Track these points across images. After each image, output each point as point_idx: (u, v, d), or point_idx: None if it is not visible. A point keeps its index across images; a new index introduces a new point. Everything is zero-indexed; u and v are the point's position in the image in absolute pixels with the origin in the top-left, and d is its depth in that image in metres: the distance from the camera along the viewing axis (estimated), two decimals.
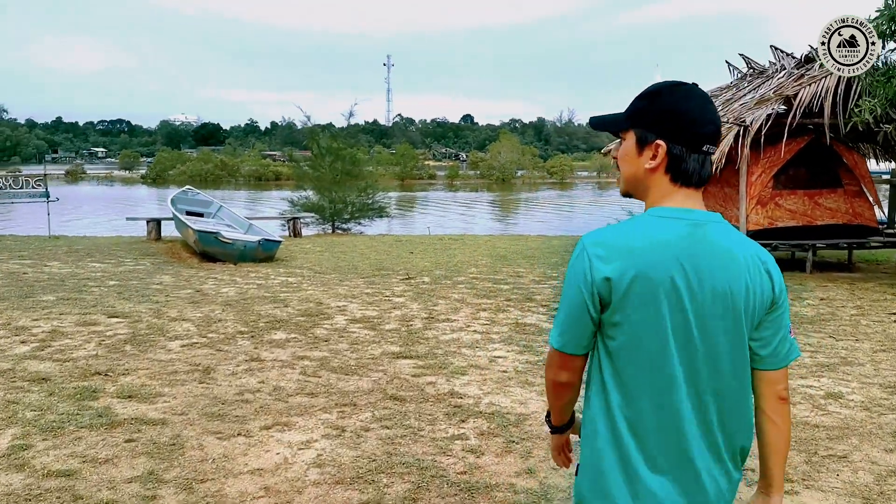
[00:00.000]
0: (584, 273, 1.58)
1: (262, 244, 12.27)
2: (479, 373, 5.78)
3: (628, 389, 1.59)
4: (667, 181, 1.63)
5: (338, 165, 19.71)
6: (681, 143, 1.61)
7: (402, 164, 68.04)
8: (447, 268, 11.94)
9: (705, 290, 1.56)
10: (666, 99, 1.65)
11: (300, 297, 8.99)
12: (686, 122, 1.61)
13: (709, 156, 1.64)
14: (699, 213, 1.61)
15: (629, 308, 1.56)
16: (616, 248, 1.57)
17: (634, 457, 1.59)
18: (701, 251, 1.56)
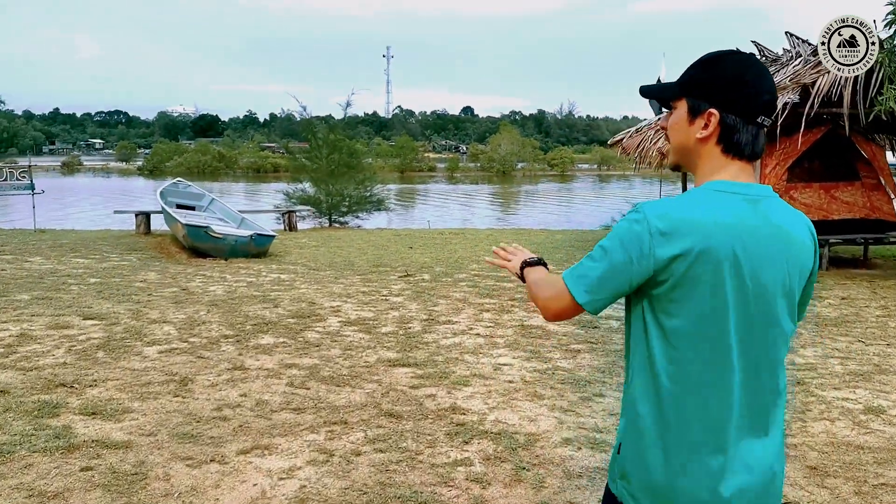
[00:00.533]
0: (642, 245, 1.50)
1: (254, 239, 11.76)
2: (483, 383, 5.27)
3: (681, 370, 1.53)
4: (718, 152, 1.58)
5: (335, 157, 19.13)
6: (735, 112, 1.55)
7: (402, 157, 67.62)
8: (448, 264, 11.43)
9: (766, 266, 1.53)
10: (722, 67, 1.58)
11: (292, 296, 8.48)
12: (741, 90, 1.55)
13: (762, 128, 1.58)
14: (755, 188, 1.56)
15: (690, 285, 1.50)
16: (680, 223, 1.49)
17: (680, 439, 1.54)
18: (760, 228, 1.53)
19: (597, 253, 1.58)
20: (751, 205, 1.54)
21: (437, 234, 16.46)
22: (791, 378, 5.45)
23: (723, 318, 1.51)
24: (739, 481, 1.54)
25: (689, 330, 1.52)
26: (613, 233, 1.57)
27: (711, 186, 1.56)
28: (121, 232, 15.81)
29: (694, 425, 1.53)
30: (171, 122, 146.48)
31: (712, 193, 1.54)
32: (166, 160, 71.35)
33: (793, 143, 10.66)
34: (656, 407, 1.56)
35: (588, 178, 69.60)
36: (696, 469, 1.53)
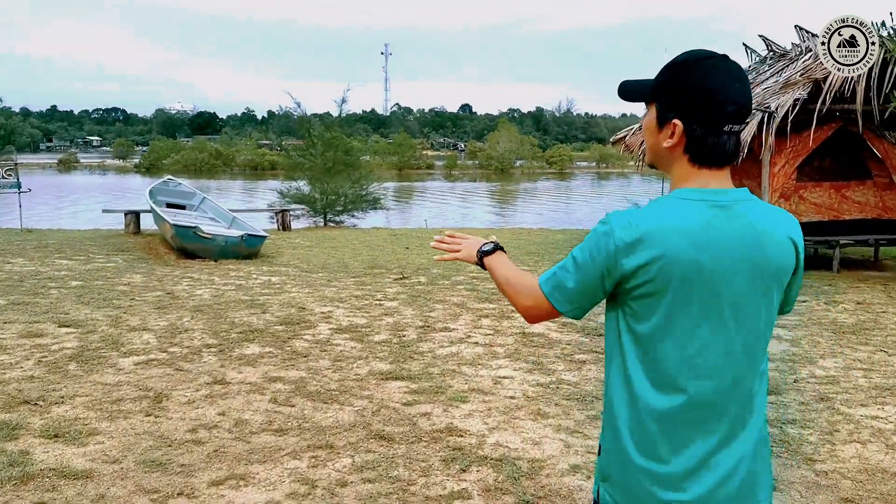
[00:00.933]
0: (608, 254, 1.52)
1: (244, 240, 11.36)
2: (482, 399, 4.89)
3: (654, 374, 1.54)
4: (685, 161, 1.56)
5: (330, 155, 18.71)
6: (699, 122, 1.53)
7: (400, 154, 67.10)
8: (445, 265, 11.03)
9: (736, 270, 1.52)
10: (687, 74, 1.54)
11: (282, 300, 8.09)
12: (706, 100, 1.51)
13: (732, 135, 1.54)
14: (724, 194, 1.55)
15: (657, 293, 1.51)
16: (644, 233, 1.50)
17: (658, 441, 1.54)
18: (728, 232, 1.52)
19: (569, 263, 1.60)
20: (718, 210, 1.53)
21: (434, 233, 15.98)
22: (815, 393, 5.07)
23: (693, 322, 1.52)
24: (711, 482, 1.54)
25: (660, 335, 1.53)
26: (585, 242, 1.58)
27: (677, 195, 1.56)
28: (110, 231, 15.40)
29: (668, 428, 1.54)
30: (169, 119, 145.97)
31: (677, 202, 1.54)
32: (163, 157, 70.96)
33: (803, 140, 10.28)
34: (632, 410, 1.56)
35: (587, 175, 69.14)
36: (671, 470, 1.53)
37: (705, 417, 1.54)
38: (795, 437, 4.27)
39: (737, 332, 1.54)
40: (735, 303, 1.53)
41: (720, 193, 1.54)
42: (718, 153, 1.55)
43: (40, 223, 18.95)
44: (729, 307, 1.53)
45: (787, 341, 6.49)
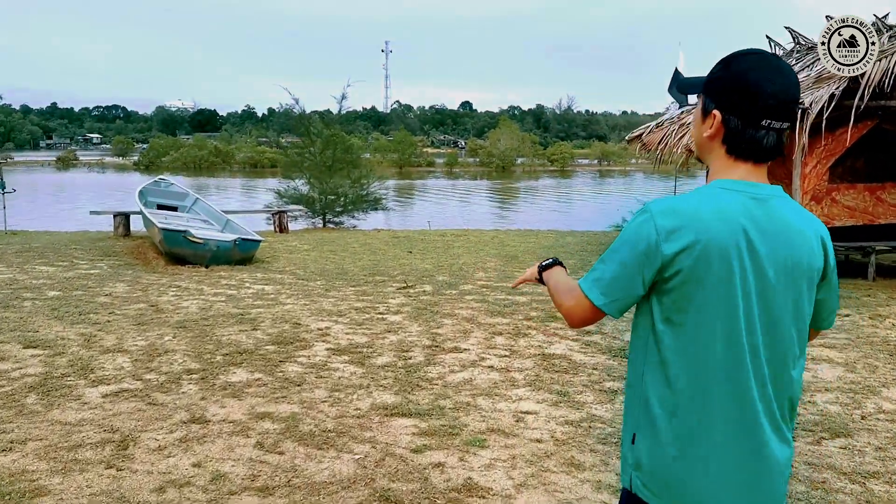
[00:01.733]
0: (649, 242, 1.55)
1: (238, 244, 10.65)
2: (503, 443, 4.18)
3: (692, 366, 1.56)
4: (723, 153, 1.61)
5: (329, 153, 17.96)
6: (737, 115, 1.57)
7: (401, 152, 66.55)
8: (451, 272, 10.34)
9: (770, 262, 1.54)
10: (731, 68, 1.60)
11: (275, 314, 7.38)
12: (745, 93, 1.56)
13: (772, 131, 1.56)
14: (761, 187, 1.58)
15: (696, 280, 1.53)
16: (684, 219, 1.53)
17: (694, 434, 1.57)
18: (764, 225, 1.55)
19: (608, 255, 1.63)
20: (755, 202, 1.56)
21: (437, 235, 15.37)
22: (890, 435, 4.36)
23: (731, 311, 1.54)
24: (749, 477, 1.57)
25: (699, 325, 1.55)
26: (622, 233, 1.61)
27: (716, 184, 1.59)
28: (99, 234, 14.70)
29: (706, 421, 1.56)
30: (169, 116, 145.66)
31: (716, 191, 1.57)
32: (162, 155, 70.56)
33: (836, 139, 9.57)
34: (671, 403, 1.58)
35: (588, 173, 68.51)
36: (709, 463, 1.56)
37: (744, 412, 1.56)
38: (884, 497, 3.57)
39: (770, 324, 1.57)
40: (767, 292, 1.55)
41: (757, 187, 1.58)
42: (754, 147, 1.57)
43: (30, 224, 18.27)
44: (762, 296, 1.55)
45: (841, 365, 5.78)
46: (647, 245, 1.54)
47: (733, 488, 1.57)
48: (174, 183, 14.41)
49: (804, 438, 4.28)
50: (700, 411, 1.56)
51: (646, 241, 1.54)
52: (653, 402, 1.60)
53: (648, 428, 1.61)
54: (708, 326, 1.54)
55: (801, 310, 1.60)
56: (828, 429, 4.42)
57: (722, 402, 1.55)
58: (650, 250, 1.54)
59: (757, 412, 1.56)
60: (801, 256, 1.58)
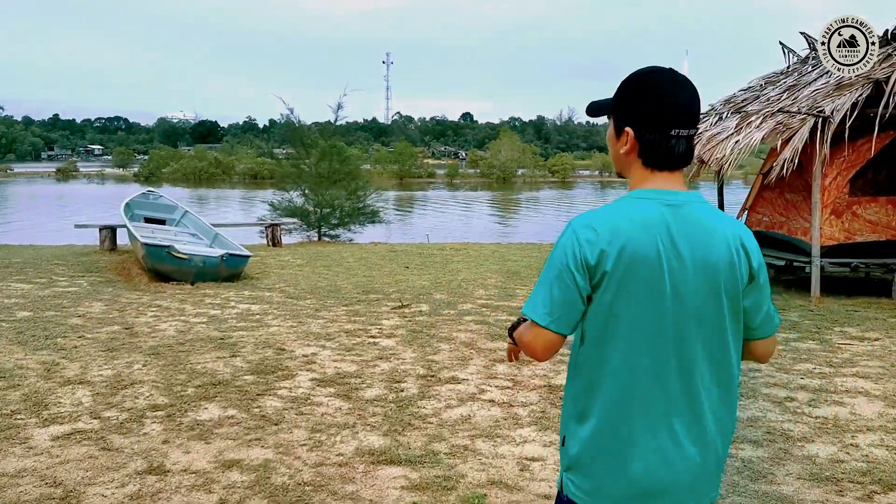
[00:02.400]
0: (575, 254, 1.60)
1: (225, 260, 10.11)
2: (507, 499, 3.62)
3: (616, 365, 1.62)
4: (640, 165, 1.68)
5: (325, 164, 17.42)
6: (648, 128, 1.65)
7: (401, 163, 66.09)
8: (450, 289, 9.79)
9: (688, 265, 1.59)
10: (635, 86, 1.69)
11: (258, 338, 6.83)
12: (653, 108, 1.64)
13: (682, 139, 1.65)
14: (676, 194, 1.65)
15: (620, 286, 1.58)
16: (604, 228, 1.60)
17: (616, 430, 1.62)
18: (681, 228, 1.61)
19: (542, 277, 1.67)
20: (670, 208, 1.62)
21: (436, 249, 14.81)
22: None
23: (655, 314, 1.59)
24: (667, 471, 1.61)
25: (623, 329, 1.60)
26: (551, 253, 1.67)
27: (633, 194, 1.67)
28: (85, 248, 14.15)
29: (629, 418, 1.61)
30: (171, 128, 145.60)
31: (633, 200, 1.65)
32: (163, 166, 70.36)
33: (857, 149, 9.04)
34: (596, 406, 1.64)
35: (589, 184, 68.02)
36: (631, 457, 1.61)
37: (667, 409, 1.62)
38: None
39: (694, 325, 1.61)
40: (690, 294, 1.60)
41: (673, 194, 1.64)
42: (668, 156, 1.66)
43: (18, 238, 17.77)
44: (685, 298, 1.60)
45: (880, 398, 5.21)
46: (573, 258, 1.60)
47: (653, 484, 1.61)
48: (163, 195, 13.88)
49: (852, 493, 3.72)
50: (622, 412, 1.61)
51: (572, 254, 1.60)
52: (580, 404, 1.67)
53: (575, 429, 1.67)
54: (633, 329, 1.60)
55: (722, 311, 1.63)
56: (878, 480, 3.86)
57: (644, 402, 1.61)
58: (577, 262, 1.59)
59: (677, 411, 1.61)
60: (718, 257, 1.61)
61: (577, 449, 1.66)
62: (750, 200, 11.16)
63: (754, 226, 10.75)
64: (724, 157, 9.23)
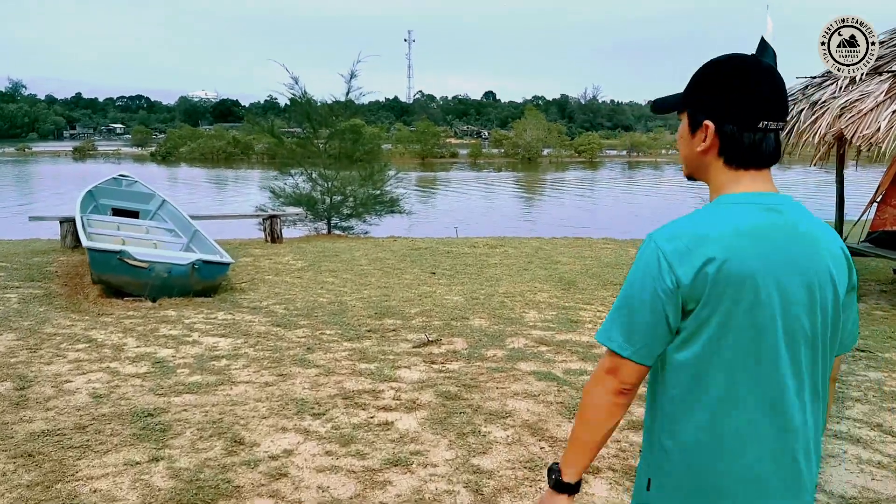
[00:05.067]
0: (661, 271, 1.40)
1: (197, 268, 7.71)
2: None
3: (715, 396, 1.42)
4: (722, 165, 1.49)
5: (336, 143, 14.92)
6: (732, 120, 1.46)
7: (423, 142, 63.69)
8: (490, 309, 7.35)
9: (794, 278, 1.42)
10: (715, 75, 1.50)
11: (209, 414, 4.44)
12: (736, 97, 1.46)
13: (770, 132, 1.46)
14: (772, 197, 1.46)
15: (716, 303, 1.39)
16: (693, 240, 1.40)
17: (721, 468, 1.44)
18: (784, 238, 1.43)
19: (621, 299, 1.47)
20: (770, 213, 1.44)
21: (467, 247, 12.32)
22: None
23: (761, 335, 1.41)
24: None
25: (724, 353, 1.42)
26: (632, 271, 1.48)
27: (724, 200, 1.48)
28: (49, 243, 11.85)
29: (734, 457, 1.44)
30: (192, 107, 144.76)
31: (726, 206, 1.46)
32: (180, 145, 68.81)
33: None
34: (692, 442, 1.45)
35: (617, 164, 65.09)
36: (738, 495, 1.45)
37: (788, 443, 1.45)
38: None
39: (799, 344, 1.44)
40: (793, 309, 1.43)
41: (769, 196, 1.46)
42: (756, 152, 1.47)
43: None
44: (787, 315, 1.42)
45: None
46: (659, 275, 1.40)
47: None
48: (137, 181, 11.49)
49: None
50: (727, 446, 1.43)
51: (657, 271, 1.40)
52: (667, 443, 1.47)
53: (665, 471, 1.48)
54: (737, 353, 1.41)
55: (828, 325, 1.46)
56: None
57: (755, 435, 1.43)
58: (663, 279, 1.40)
59: (795, 441, 1.45)
60: (827, 268, 1.45)
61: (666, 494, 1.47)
62: (881, 191, 8.59)
63: (888, 223, 8.19)
64: (878, 132, 6.65)
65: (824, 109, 7.68)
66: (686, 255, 1.39)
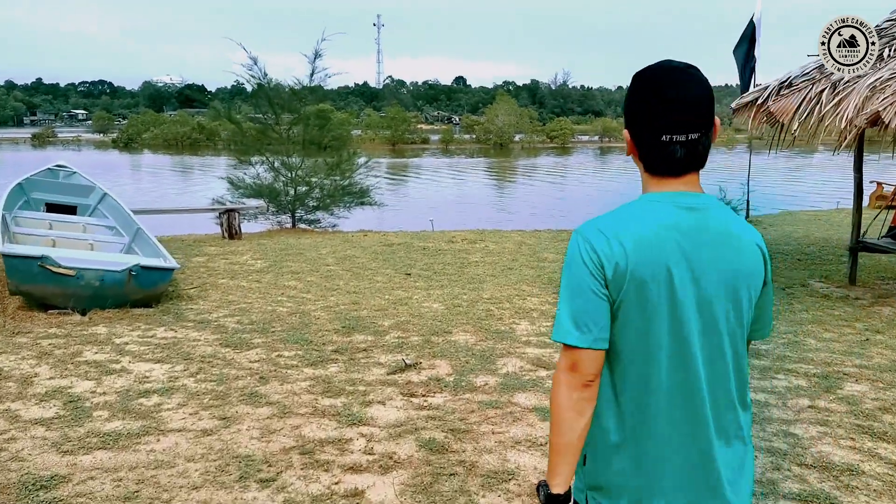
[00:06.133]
0: (591, 260, 1.47)
1: (135, 275, 6.63)
2: None
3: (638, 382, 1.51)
4: (643, 170, 1.56)
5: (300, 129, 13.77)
6: (641, 132, 1.52)
7: (394, 128, 62.47)
8: (476, 320, 6.39)
9: (707, 271, 1.48)
10: (632, 87, 1.56)
11: (123, 477, 3.43)
12: (643, 111, 1.51)
13: (676, 144, 1.48)
14: (691, 197, 1.51)
15: (634, 295, 1.46)
16: (616, 235, 1.47)
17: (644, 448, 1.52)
18: (699, 234, 1.49)
19: (563, 294, 1.52)
20: (686, 211, 1.50)
21: (444, 242, 11.33)
22: None
23: (674, 325, 1.48)
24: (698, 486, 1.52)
25: (642, 340, 1.49)
26: (564, 269, 1.53)
27: (645, 198, 1.54)
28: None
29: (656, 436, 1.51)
30: (156, 92, 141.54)
31: (644, 204, 1.52)
32: (143, 132, 66.97)
33: None
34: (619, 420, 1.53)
35: (590, 150, 64.61)
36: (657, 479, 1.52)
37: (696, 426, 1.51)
38: None
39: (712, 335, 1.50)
40: (708, 302, 1.48)
41: (687, 196, 1.51)
42: (666, 163, 1.50)
43: None
44: (702, 306, 1.48)
45: None
46: (591, 266, 1.47)
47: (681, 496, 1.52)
48: (76, 172, 10.30)
49: None
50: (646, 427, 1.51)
51: (590, 262, 1.47)
52: (605, 420, 1.54)
53: (602, 446, 1.55)
54: (651, 340, 1.48)
55: (742, 318, 1.53)
56: None
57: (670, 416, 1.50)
58: (595, 271, 1.47)
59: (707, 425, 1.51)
60: (740, 264, 1.51)
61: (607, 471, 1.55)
62: None
63: None
64: None
65: (849, 89, 6.80)
66: (607, 248, 1.45)
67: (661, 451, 1.50)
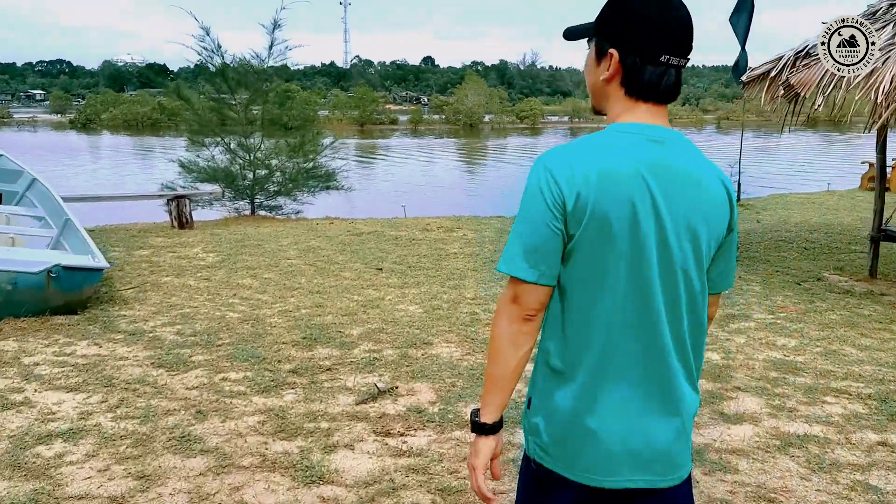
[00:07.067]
0: (551, 191, 1.39)
1: (55, 277, 5.57)
2: None
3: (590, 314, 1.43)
4: (622, 95, 1.47)
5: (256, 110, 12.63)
6: (635, 52, 1.43)
7: (361, 108, 61.08)
8: (459, 328, 5.47)
9: (671, 207, 1.41)
10: (624, 4, 1.47)
11: None
12: (641, 28, 1.42)
13: (671, 67, 1.44)
14: (661, 130, 1.45)
15: (596, 227, 1.39)
16: (580, 166, 1.39)
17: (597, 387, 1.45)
18: (665, 168, 1.41)
19: (516, 225, 1.45)
20: (655, 144, 1.43)
21: (419, 230, 10.34)
22: None
23: (636, 256, 1.41)
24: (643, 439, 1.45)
25: (597, 276, 1.42)
26: (523, 197, 1.46)
27: (613, 128, 1.46)
28: None
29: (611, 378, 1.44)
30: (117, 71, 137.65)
31: (613, 134, 1.44)
32: (101, 112, 64.85)
33: None
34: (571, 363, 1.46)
35: (560, 130, 63.93)
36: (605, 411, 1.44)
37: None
38: None
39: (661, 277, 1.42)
40: (669, 236, 1.41)
41: (658, 129, 1.44)
42: (655, 86, 1.44)
43: None
44: (663, 240, 1.41)
45: None
46: (550, 197, 1.39)
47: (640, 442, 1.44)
48: (3, 154, 9.12)
49: None
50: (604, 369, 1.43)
51: (549, 194, 1.39)
52: (552, 362, 1.48)
53: (545, 390, 1.50)
54: (611, 276, 1.40)
55: (702, 260, 1.46)
56: None
57: (630, 358, 1.43)
58: (554, 203, 1.39)
59: (671, 366, 1.45)
60: (705, 202, 1.43)
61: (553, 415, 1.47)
62: None
63: None
64: None
65: (882, 58, 5.95)
66: (570, 179, 1.37)
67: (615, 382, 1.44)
